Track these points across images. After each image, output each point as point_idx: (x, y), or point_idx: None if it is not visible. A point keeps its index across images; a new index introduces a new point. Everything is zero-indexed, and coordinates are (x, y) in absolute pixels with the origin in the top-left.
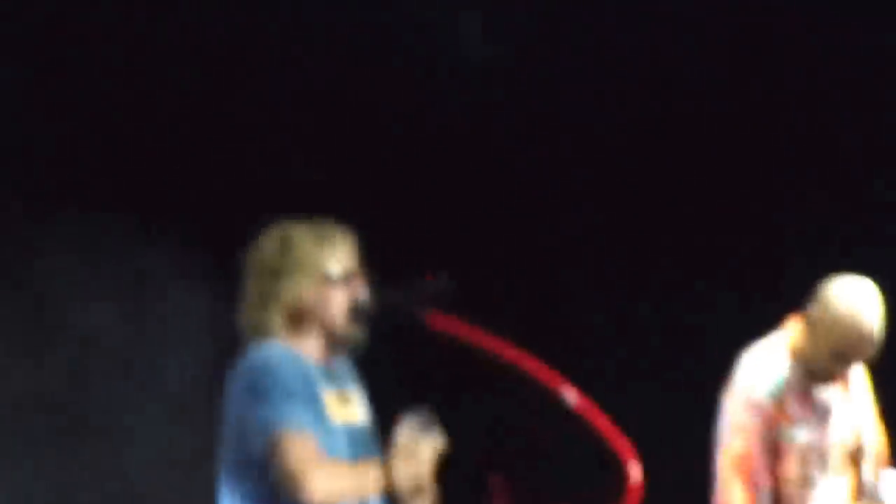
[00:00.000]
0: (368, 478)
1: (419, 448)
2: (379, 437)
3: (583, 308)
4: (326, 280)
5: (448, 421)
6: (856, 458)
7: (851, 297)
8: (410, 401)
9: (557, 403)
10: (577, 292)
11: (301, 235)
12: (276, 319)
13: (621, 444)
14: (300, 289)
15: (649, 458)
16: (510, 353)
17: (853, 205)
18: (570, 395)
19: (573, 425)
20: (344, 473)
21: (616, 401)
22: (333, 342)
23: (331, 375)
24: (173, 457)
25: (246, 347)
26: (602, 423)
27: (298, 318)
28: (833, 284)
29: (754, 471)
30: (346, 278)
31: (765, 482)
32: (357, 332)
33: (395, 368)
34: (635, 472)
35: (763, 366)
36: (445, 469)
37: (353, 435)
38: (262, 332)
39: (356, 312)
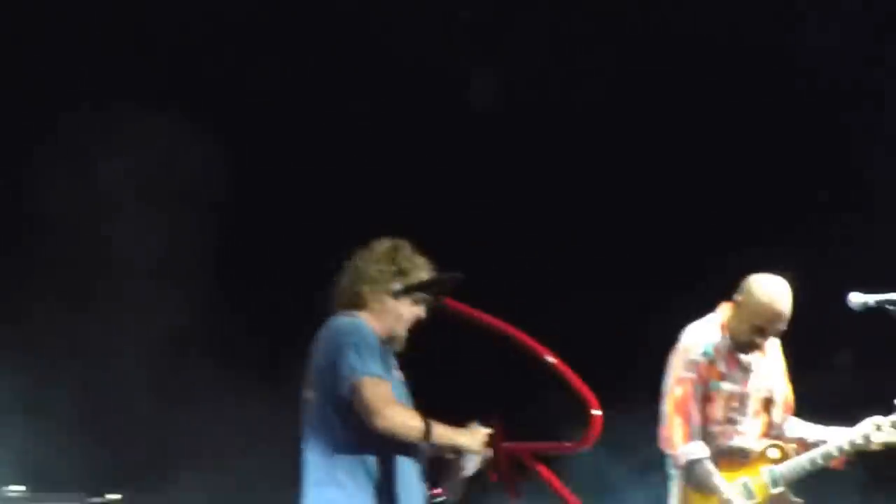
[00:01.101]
0: (434, 428)
1: (484, 432)
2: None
3: (562, 295)
4: (414, 304)
5: (459, 374)
6: (768, 406)
7: (768, 286)
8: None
9: (540, 364)
10: (555, 285)
11: (412, 254)
12: (369, 302)
13: (588, 393)
14: (396, 298)
15: (611, 403)
16: (504, 327)
17: (768, 219)
18: (550, 358)
19: (552, 379)
20: (414, 415)
21: (586, 362)
22: (389, 339)
23: (388, 351)
24: None
25: (331, 319)
26: (574, 378)
27: (380, 314)
28: (754, 278)
29: (690, 412)
30: (419, 306)
31: (697, 420)
32: (402, 345)
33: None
34: (598, 414)
35: (700, 335)
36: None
37: (403, 389)
38: (351, 305)
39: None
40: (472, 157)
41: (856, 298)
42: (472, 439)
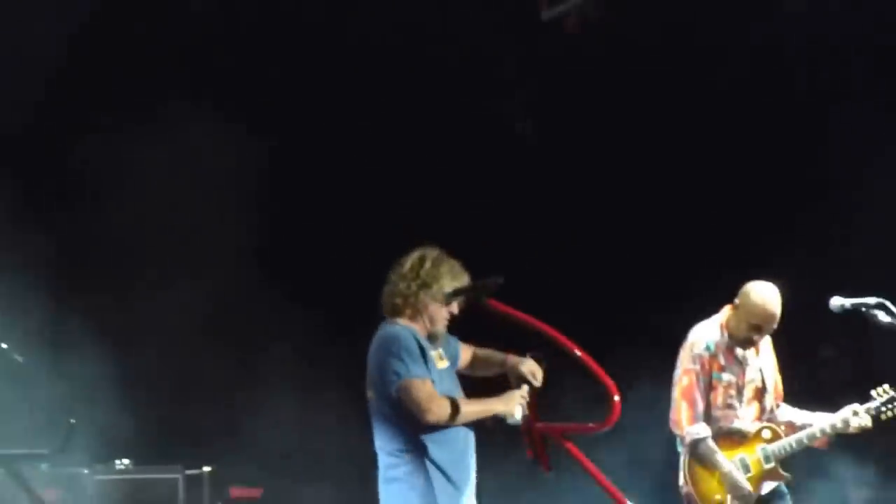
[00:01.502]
0: (473, 407)
1: (518, 393)
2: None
3: (587, 300)
4: (441, 300)
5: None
6: (761, 394)
7: (762, 291)
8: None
9: (570, 356)
10: (582, 292)
11: (446, 265)
12: (405, 310)
13: (610, 382)
14: (427, 299)
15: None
16: (540, 324)
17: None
18: (577, 352)
19: (579, 369)
20: (454, 403)
21: (611, 358)
22: (429, 334)
23: (434, 345)
24: None
25: (382, 325)
26: (599, 369)
27: (418, 314)
28: (750, 285)
29: (695, 398)
30: (450, 301)
31: (701, 406)
32: (444, 333)
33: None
34: (617, 400)
35: (703, 333)
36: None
37: (446, 375)
38: (394, 314)
39: (444, 300)
40: (511, 178)
41: (836, 302)
42: (507, 403)
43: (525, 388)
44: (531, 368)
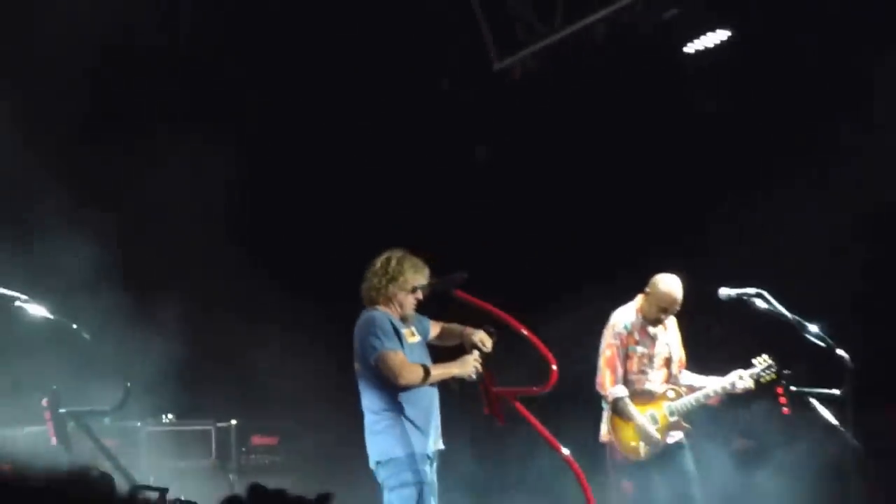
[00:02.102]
0: (435, 371)
1: (472, 357)
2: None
3: (529, 286)
4: (407, 289)
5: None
6: (668, 363)
7: (668, 281)
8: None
9: (518, 334)
10: (529, 283)
11: (408, 263)
12: (379, 299)
13: (549, 354)
14: (396, 291)
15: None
16: (493, 309)
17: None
18: (524, 331)
19: (526, 343)
20: (421, 369)
21: (547, 332)
22: (402, 317)
23: (406, 324)
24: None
25: (362, 312)
26: (540, 343)
27: (391, 302)
28: (659, 276)
29: (615, 366)
30: (416, 292)
31: (620, 372)
32: (414, 315)
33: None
34: (555, 369)
35: (622, 315)
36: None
37: (417, 347)
38: (371, 303)
39: (417, 290)
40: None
41: (724, 291)
42: (462, 366)
43: (476, 353)
44: (482, 338)
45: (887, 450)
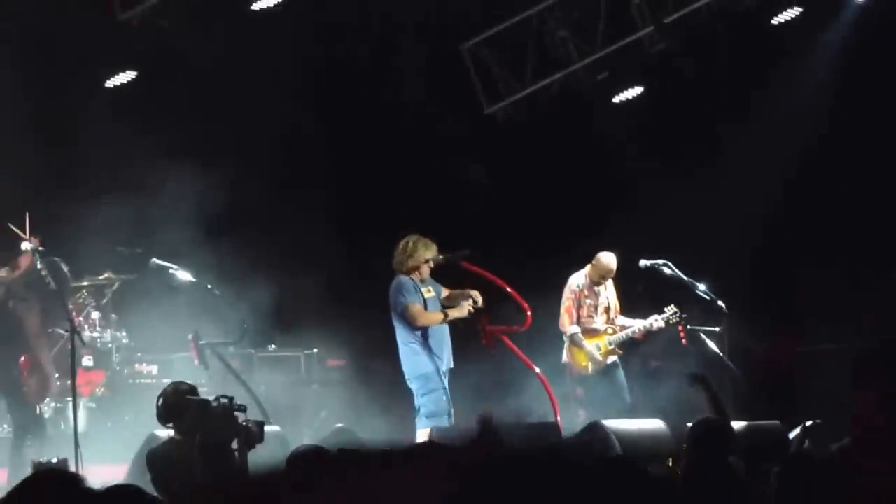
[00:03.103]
0: (440, 316)
1: (466, 304)
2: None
3: (517, 261)
4: (422, 261)
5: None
6: (607, 310)
7: (607, 256)
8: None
9: (503, 290)
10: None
11: (420, 243)
12: (404, 269)
13: (525, 304)
14: (414, 263)
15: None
16: (485, 273)
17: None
18: (508, 289)
19: (510, 298)
20: (434, 314)
21: (529, 291)
22: (420, 281)
23: (424, 284)
24: None
25: (395, 277)
26: (519, 297)
27: (413, 270)
28: (601, 253)
29: (572, 312)
30: (428, 262)
31: (575, 316)
32: (430, 278)
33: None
34: (529, 315)
35: (577, 278)
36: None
37: (432, 301)
38: (399, 272)
39: (431, 261)
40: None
41: (642, 262)
42: (459, 310)
43: (470, 300)
44: (473, 293)
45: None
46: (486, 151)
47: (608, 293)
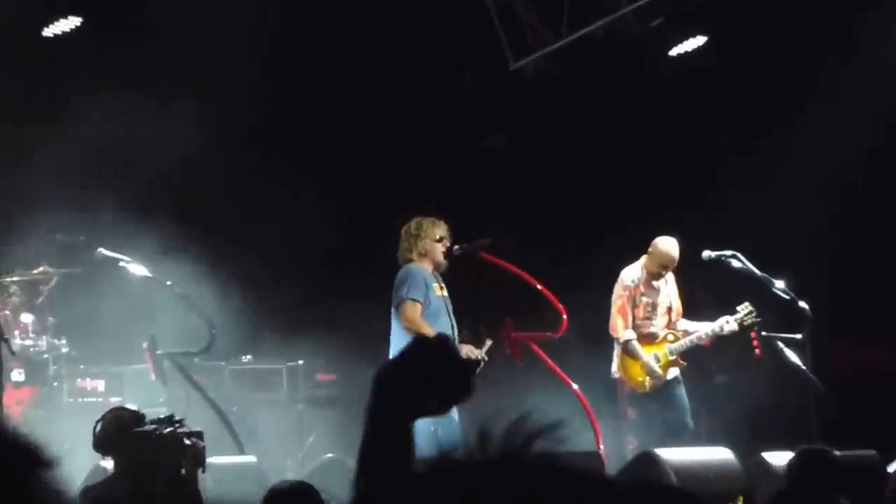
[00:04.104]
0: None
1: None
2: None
3: (550, 251)
4: (434, 238)
5: (491, 295)
6: (668, 311)
7: (667, 243)
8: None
9: (532, 288)
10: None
11: (426, 221)
12: (413, 256)
13: (560, 306)
14: (424, 244)
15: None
16: (512, 268)
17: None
18: (539, 286)
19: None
20: (425, 329)
21: (565, 289)
22: (436, 267)
23: (437, 277)
24: None
25: (400, 265)
26: (553, 298)
27: (423, 255)
28: (659, 238)
29: (626, 313)
30: (441, 241)
31: (629, 318)
32: (445, 264)
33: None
34: (565, 318)
35: (631, 271)
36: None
37: (445, 301)
38: (407, 262)
39: (448, 255)
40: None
41: (706, 253)
42: (472, 351)
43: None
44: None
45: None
46: (510, 117)
47: (669, 289)
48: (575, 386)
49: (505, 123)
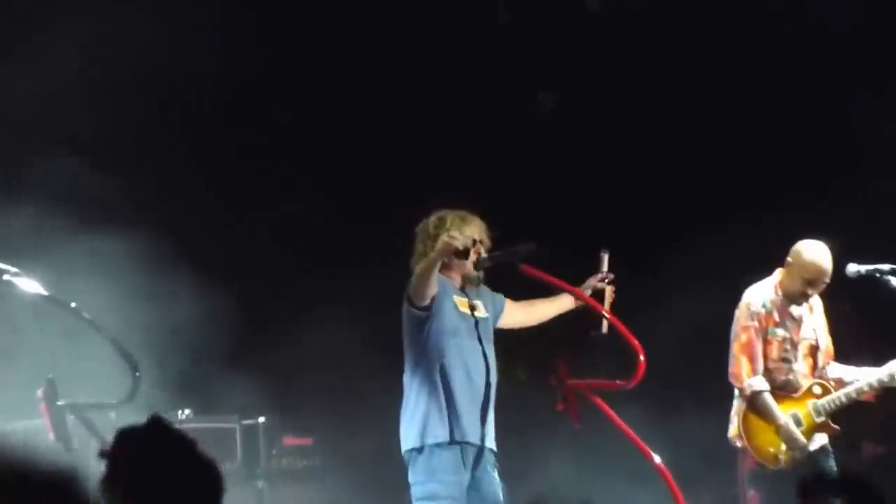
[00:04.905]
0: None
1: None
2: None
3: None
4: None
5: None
6: (814, 351)
7: (815, 249)
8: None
9: (598, 318)
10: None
11: (452, 216)
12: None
13: (635, 342)
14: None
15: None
16: (569, 287)
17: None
18: (607, 313)
19: (606, 332)
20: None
21: (641, 323)
22: (465, 280)
23: (462, 292)
24: None
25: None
26: (622, 326)
27: (446, 263)
28: (801, 243)
29: (754, 353)
30: (475, 245)
31: (760, 360)
32: (478, 276)
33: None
34: (643, 360)
35: (759, 293)
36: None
37: (475, 321)
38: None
39: (478, 264)
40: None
41: (852, 268)
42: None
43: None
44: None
45: None
46: (562, 68)
47: (815, 321)
48: (657, 459)
49: (555, 79)
